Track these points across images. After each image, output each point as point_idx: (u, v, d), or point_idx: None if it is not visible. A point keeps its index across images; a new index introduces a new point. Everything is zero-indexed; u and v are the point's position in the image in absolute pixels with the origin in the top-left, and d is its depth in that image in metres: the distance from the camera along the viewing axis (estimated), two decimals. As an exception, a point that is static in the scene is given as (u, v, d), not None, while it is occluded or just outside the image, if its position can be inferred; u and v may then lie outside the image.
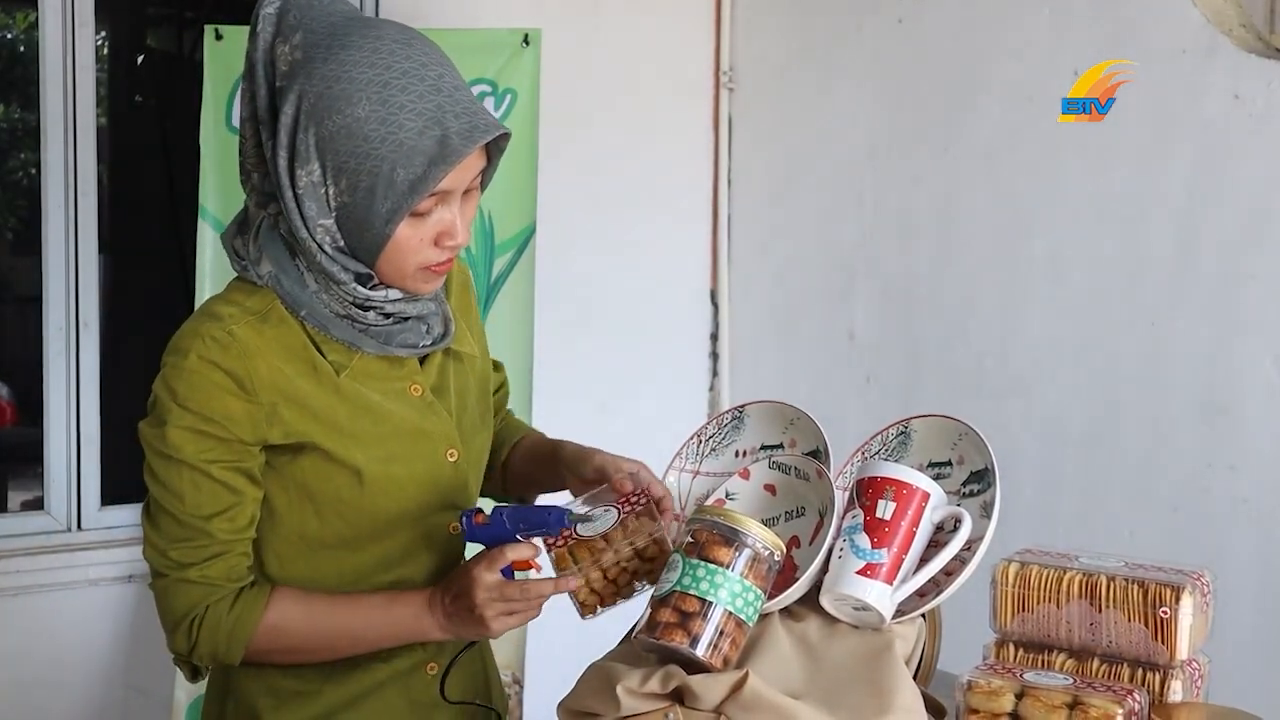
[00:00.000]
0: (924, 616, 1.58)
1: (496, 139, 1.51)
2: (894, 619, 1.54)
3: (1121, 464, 2.84)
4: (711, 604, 1.43)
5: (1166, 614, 1.55)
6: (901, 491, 1.55)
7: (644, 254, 3.72)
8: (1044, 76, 2.94)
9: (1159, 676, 1.56)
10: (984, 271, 3.13)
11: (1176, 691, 1.56)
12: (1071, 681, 1.51)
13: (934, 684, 1.61)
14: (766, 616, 1.54)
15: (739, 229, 3.80)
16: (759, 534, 1.46)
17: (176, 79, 4.72)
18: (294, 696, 1.62)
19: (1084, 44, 2.87)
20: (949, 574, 1.55)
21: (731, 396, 3.75)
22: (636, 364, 3.71)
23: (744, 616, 1.45)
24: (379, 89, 1.44)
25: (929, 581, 1.55)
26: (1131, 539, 2.76)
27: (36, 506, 3.37)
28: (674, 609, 1.44)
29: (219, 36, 3.04)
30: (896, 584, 1.53)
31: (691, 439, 1.81)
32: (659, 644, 1.44)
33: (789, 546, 1.62)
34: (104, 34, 4.70)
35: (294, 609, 1.56)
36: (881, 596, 1.52)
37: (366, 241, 1.49)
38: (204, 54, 3.05)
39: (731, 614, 1.44)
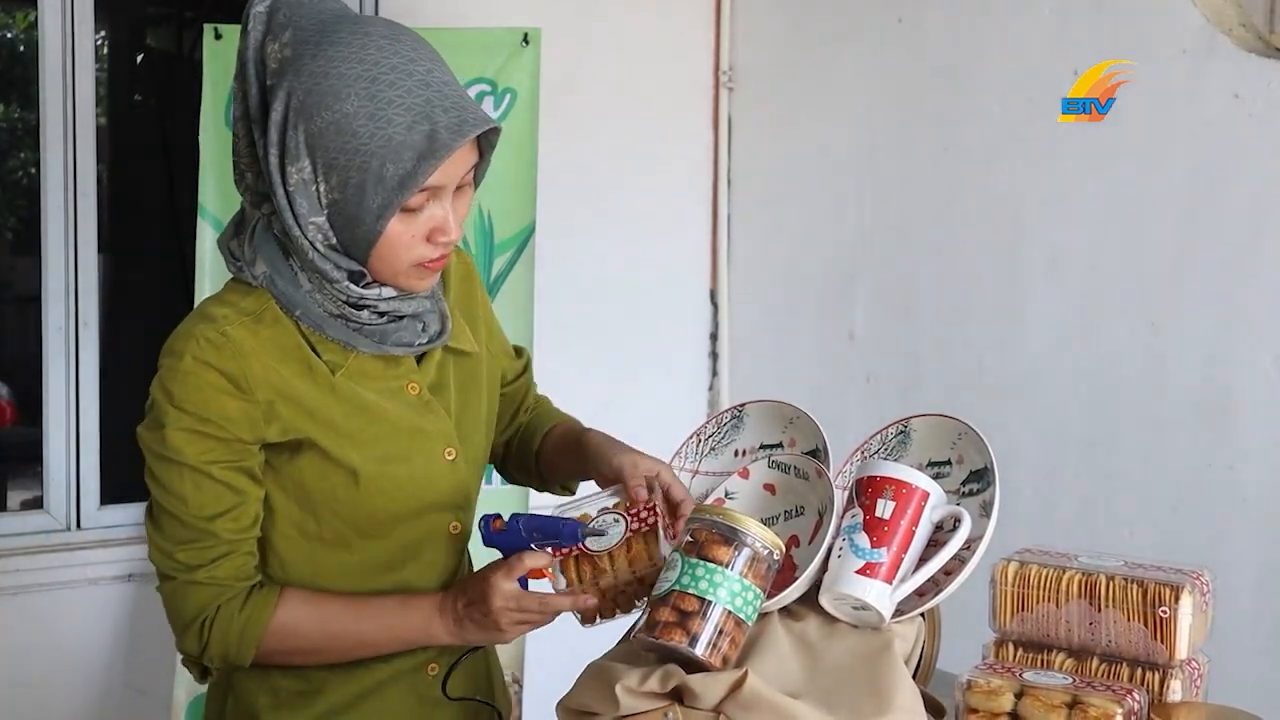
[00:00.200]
0: (923, 616, 1.58)
1: (487, 134, 1.51)
2: (893, 618, 1.54)
3: (1121, 464, 2.83)
4: (711, 603, 1.43)
5: (1166, 613, 1.55)
6: (901, 491, 1.55)
7: (643, 253, 3.72)
8: (1044, 76, 2.94)
9: (1158, 676, 1.56)
10: (984, 271, 3.12)
11: (1176, 691, 1.56)
12: (1071, 681, 1.51)
13: (933, 683, 1.61)
14: (766, 616, 1.54)
15: (739, 228, 3.80)
16: (758, 533, 1.46)
17: (176, 78, 4.72)
18: (295, 696, 1.62)
19: (1084, 44, 2.87)
20: (948, 573, 1.55)
21: (731, 396, 3.75)
22: (636, 363, 3.71)
23: (743, 616, 1.45)
24: (367, 84, 1.43)
25: (928, 581, 1.55)
26: (1131, 538, 2.76)
27: (36, 506, 3.37)
28: (673, 608, 1.44)
29: (218, 36, 3.04)
30: (896, 583, 1.53)
31: (691, 438, 1.81)
32: (658, 643, 1.44)
33: (788, 546, 1.62)
34: (104, 33, 4.70)
35: (304, 610, 1.56)
36: (881, 596, 1.52)
37: (358, 238, 1.48)
38: (203, 53, 3.05)
39: (731, 613, 1.44)
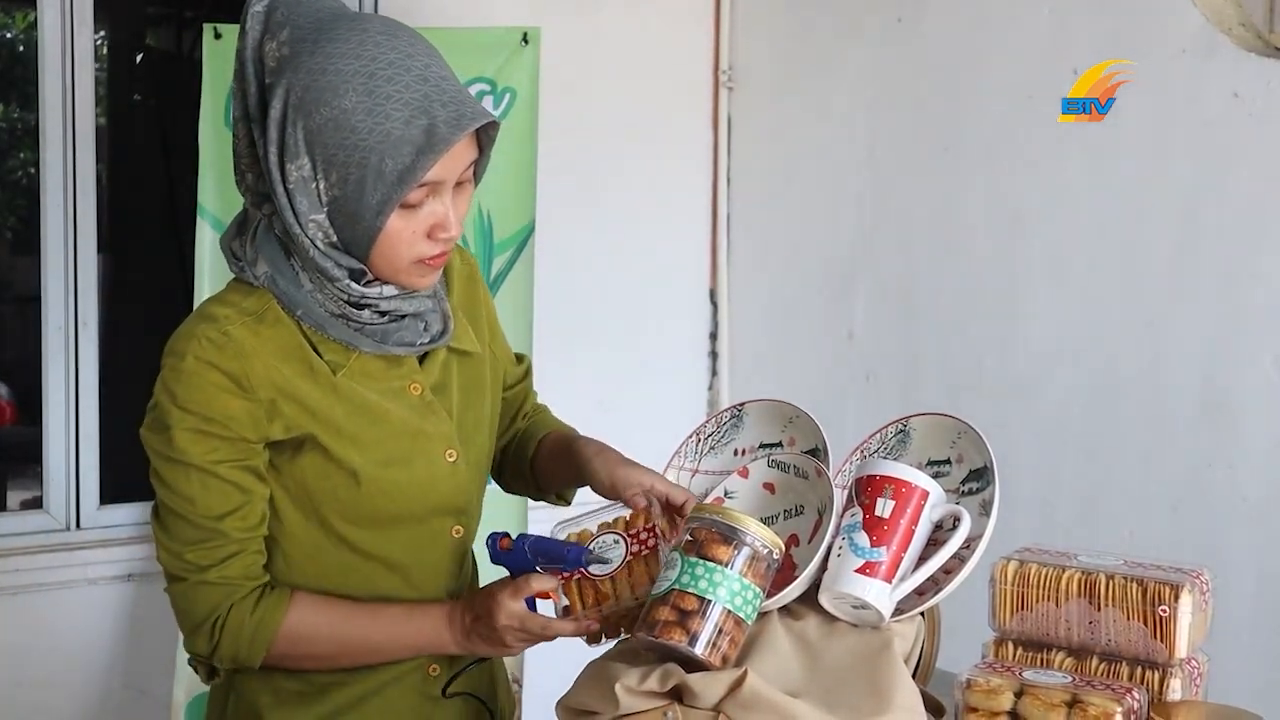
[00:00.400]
0: (923, 615, 1.58)
1: (486, 129, 1.51)
2: (893, 617, 1.54)
3: (1121, 462, 2.83)
4: (710, 602, 1.43)
5: (1165, 612, 1.55)
6: (900, 490, 1.55)
7: (643, 253, 3.72)
8: (1044, 76, 2.94)
9: (1158, 675, 1.56)
10: (983, 271, 3.12)
11: (1175, 690, 1.56)
12: (1070, 680, 1.51)
13: (933, 682, 1.61)
14: (765, 615, 1.54)
15: (738, 228, 3.80)
16: (758, 532, 1.46)
17: (176, 78, 4.72)
18: (296, 696, 1.61)
19: (1084, 44, 2.87)
20: (948, 572, 1.55)
21: (731, 395, 3.75)
22: (636, 363, 3.71)
23: (743, 615, 1.45)
24: (365, 80, 1.44)
25: (928, 580, 1.55)
26: (1131, 537, 2.75)
27: (35, 506, 3.37)
28: (673, 607, 1.44)
29: (218, 35, 3.04)
30: (895, 582, 1.53)
31: (691, 437, 1.81)
32: (658, 642, 1.44)
33: (788, 545, 1.62)
34: (103, 33, 4.69)
35: (314, 615, 1.56)
36: (880, 595, 1.52)
37: (358, 235, 1.48)
38: (203, 53, 3.05)
39: (730, 612, 1.44)
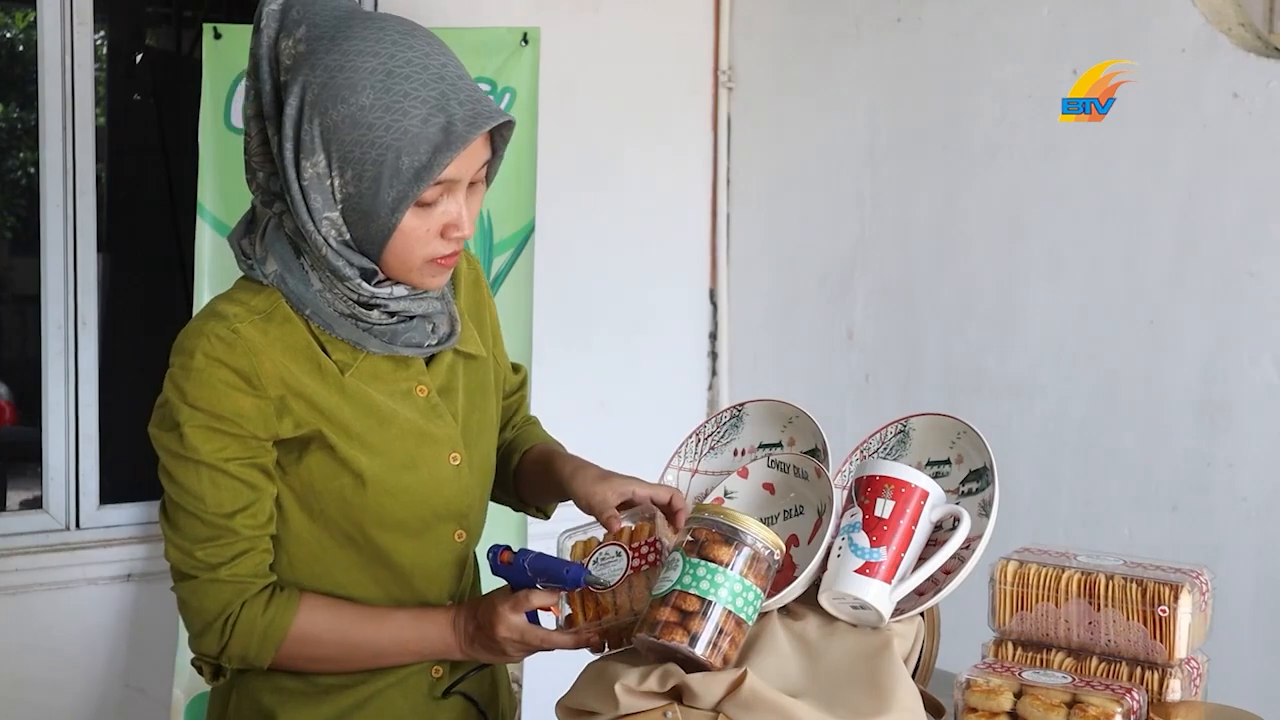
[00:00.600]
0: (922, 615, 1.58)
1: (501, 130, 1.51)
2: (892, 617, 1.54)
3: (1120, 463, 2.83)
4: (711, 603, 1.43)
5: (1165, 613, 1.55)
6: (900, 490, 1.55)
7: (643, 253, 3.72)
8: (1044, 76, 2.94)
9: (1158, 675, 1.56)
10: (983, 270, 3.12)
11: (1175, 690, 1.56)
12: (1070, 680, 1.51)
13: (933, 682, 1.61)
14: (765, 615, 1.54)
15: (738, 228, 3.80)
16: (758, 533, 1.46)
17: (175, 78, 4.72)
18: (300, 696, 1.61)
19: (1084, 44, 2.87)
20: (947, 572, 1.55)
21: (730, 395, 3.75)
22: (636, 362, 3.71)
23: (743, 615, 1.45)
24: (383, 78, 1.44)
25: (927, 580, 1.55)
26: (1130, 538, 2.76)
27: (35, 505, 3.37)
28: (673, 608, 1.44)
29: (217, 35, 3.04)
30: (895, 582, 1.53)
31: (690, 437, 1.81)
32: (658, 643, 1.44)
33: (788, 545, 1.62)
34: (103, 33, 4.70)
35: (323, 618, 1.56)
36: (880, 595, 1.52)
37: (373, 232, 1.49)
38: (202, 53, 3.05)
39: (731, 613, 1.44)
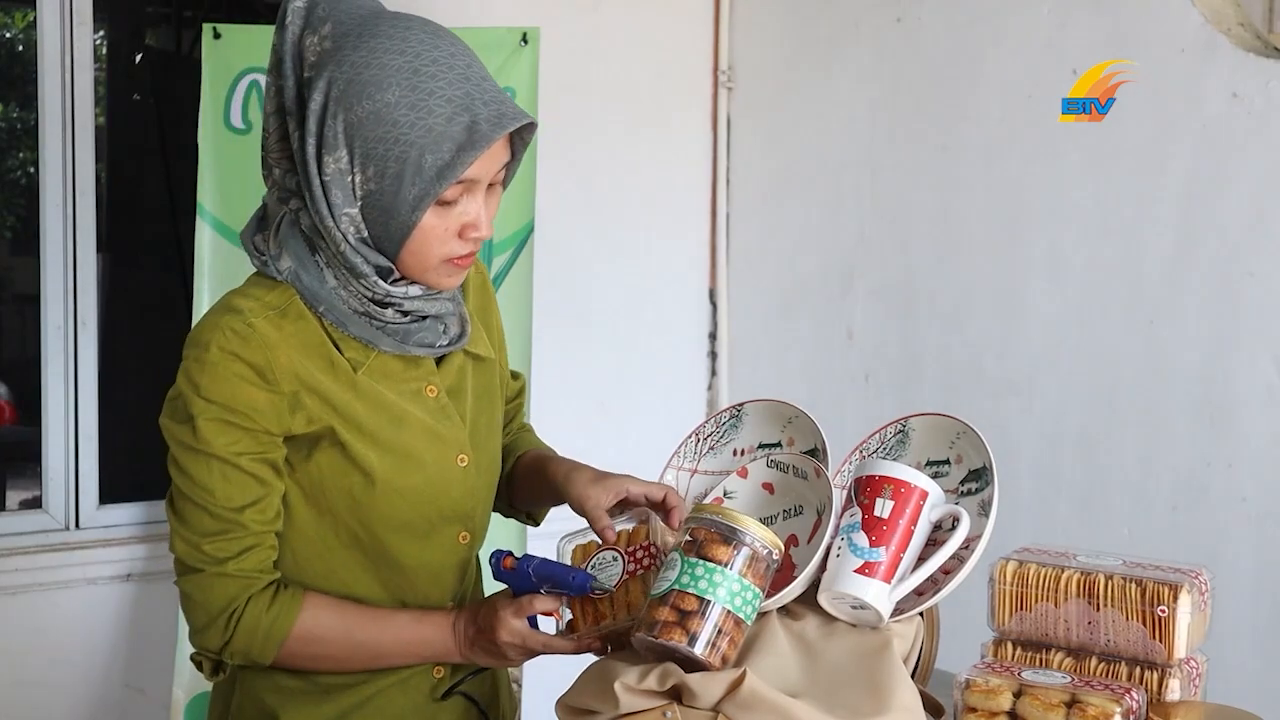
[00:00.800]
0: (922, 615, 1.58)
1: (521, 133, 1.53)
2: (892, 617, 1.54)
3: (1120, 463, 2.83)
4: (710, 602, 1.43)
5: (1164, 613, 1.55)
6: (899, 490, 1.55)
7: (642, 253, 3.72)
8: (1044, 76, 2.94)
9: (1157, 675, 1.56)
10: (983, 271, 3.13)
11: (1174, 690, 1.56)
12: (1069, 680, 1.51)
13: (932, 682, 1.61)
14: (764, 615, 1.54)
15: (737, 228, 3.80)
16: (757, 532, 1.46)
17: (175, 78, 4.72)
18: (301, 696, 1.62)
19: (1084, 44, 2.87)
20: (947, 572, 1.55)
21: (730, 395, 3.75)
22: (635, 363, 3.71)
23: (742, 615, 1.45)
24: (409, 75, 1.45)
25: (927, 580, 1.55)
26: (1130, 538, 2.76)
27: (35, 505, 3.37)
28: (672, 607, 1.44)
29: (217, 35, 3.04)
30: (894, 582, 1.53)
31: (690, 437, 1.81)
32: (657, 642, 1.43)
33: (787, 545, 1.62)
34: (102, 33, 4.69)
35: (327, 617, 1.57)
36: (879, 595, 1.52)
37: (392, 230, 1.49)
38: (202, 53, 3.05)
39: (730, 613, 1.44)
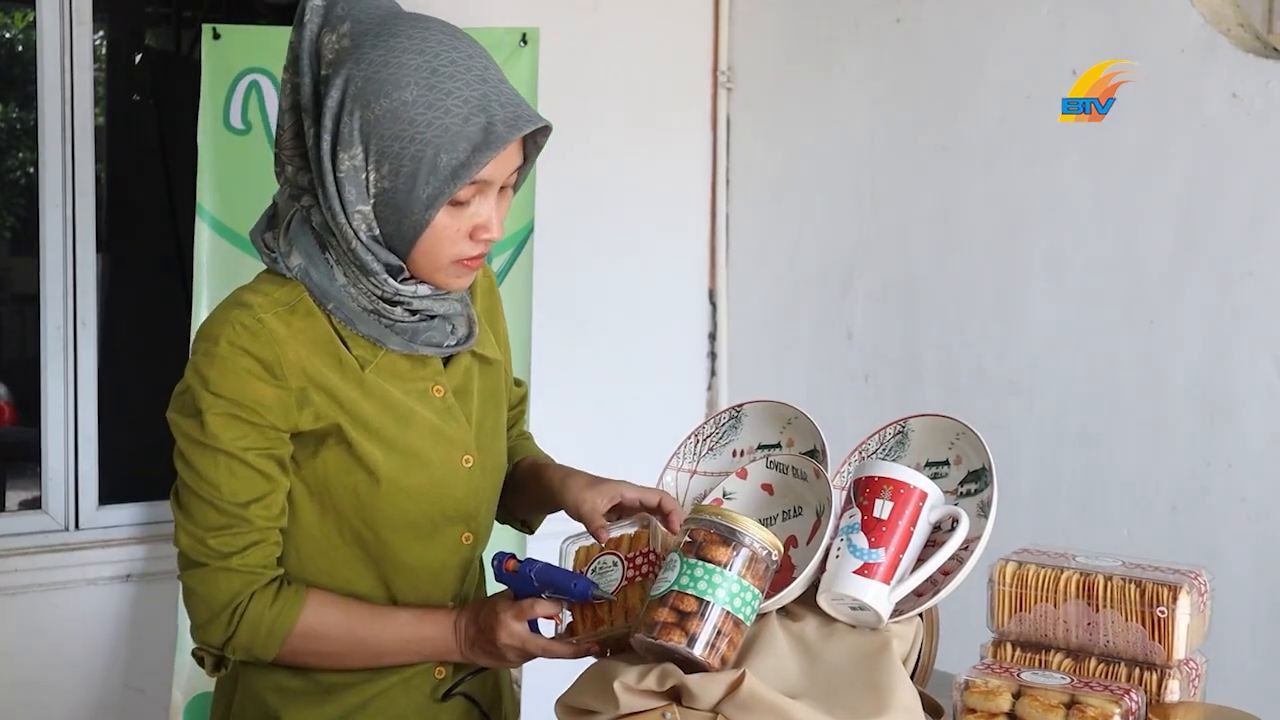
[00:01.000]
0: (921, 616, 1.58)
1: (535, 138, 1.55)
2: (891, 618, 1.54)
3: (1119, 463, 2.83)
4: (709, 603, 1.43)
5: (1164, 613, 1.55)
6: (899, 491, 1.55)
7: (642, 253, 3.72)
8: (1044, 76, 2.94)
9: (1156, 676, 1.56)
10: (983, 271, 3.12)
11: (1174, 691, 1.56)
12: (1069, 681, 1.51)
13: (931, 683, 1.61)
14: (764, 616, 1.54)
15: (737, 228, 3.80)
16: (757, 533, 1.46)
17: (174, 78, 4.72)
18: (303, 696, 1.62)
19: (1083, 44, 2.87)
20: (946, 573, 1.55)
21: (729, 396, 3.75)
22: (634, 363, 3.71)
23: (742, 616, 1.45)
24: (428, 75, 1.46)
25: (926, 581, 1.55)
26: (1129, 538, 2.76)
27: (34, 506, 3.36)
28: (671, 608, 1.44)
29: (216, 35, 3.03)
30: (894, 583, 1.53)
31: (689, 438, 1.81)
32: (656, 643, 1.44)
33: (786, 546, 1.62)
34: (102, 33, 4.69)
35: (329, 614, 1.57)
36: (879, 596, 1.52)
37: (404, 229, 1.50)
38: (202, 53, 3.05)
39: (729, 614, 1.44)
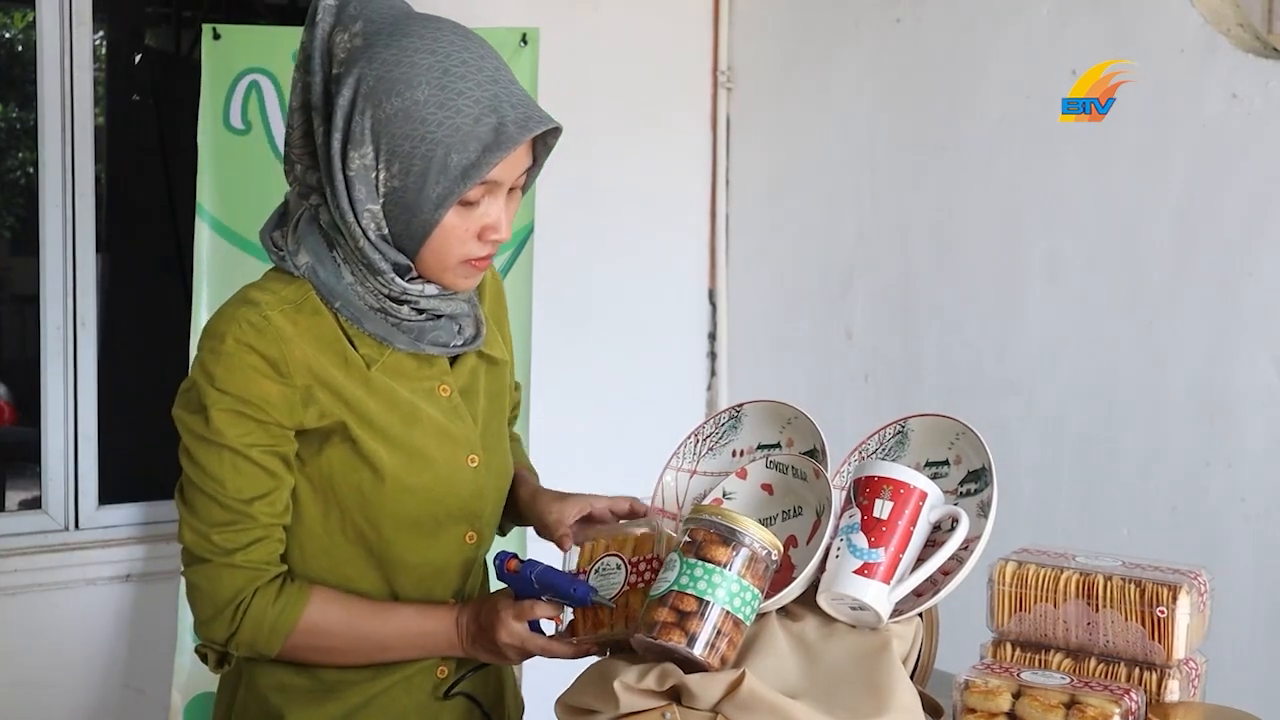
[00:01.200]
0: (921, 616, 1.58)
1: (544, 140, 1.54)
2: (891, 618, 1.54)
3: (1119, 463, 2.83)
4: (709, 603, 1.43)
5: (1163, 613, 1.55)
6: (899, 491, 1.55)
7: (642, 253, 3.72)
8: (1044, 76, 2.94)
9: (1156, 676, 1.56)
10: (982, 271, 3.12)
11: (1173, 691, 1.56)
12: (1069, 681, 1.51)
13: (931, 683, 1.61)
14: (764, 616, 1.54)
15: (737, 228, 3.80)
16: (756, 533, 1.46)
17: (174, 78, 4.72)
18: (305, 694, 1.62)
19: (1084, 44, 2.87)
20: (946, 573, 1.55)
21: (729, 396, 3.75)
22: (634, 363, 3.71)
23: (741, 616, 1.45)
24: (439, 75, 1.47)
25: (926, 581, 1.55)
26: (1129, 538, 2.76)
27: (34, 506, 3.37)
28: (671, 608, 1.44)
29: (216, 36, 3.04)
30: (893, 583, 1.53)
31: (689, 438, 1.81)
32: (656, 643, 1.44)
33: (786, 546, 1.62)
34: (102, 33, 4.69)
35: (332, 611, 1.57)
36: (878, 596, 1.52)
37: (413, 228, 1.50)
38: (202, 53, 3.05)
39: (729, 613, 1.44)
